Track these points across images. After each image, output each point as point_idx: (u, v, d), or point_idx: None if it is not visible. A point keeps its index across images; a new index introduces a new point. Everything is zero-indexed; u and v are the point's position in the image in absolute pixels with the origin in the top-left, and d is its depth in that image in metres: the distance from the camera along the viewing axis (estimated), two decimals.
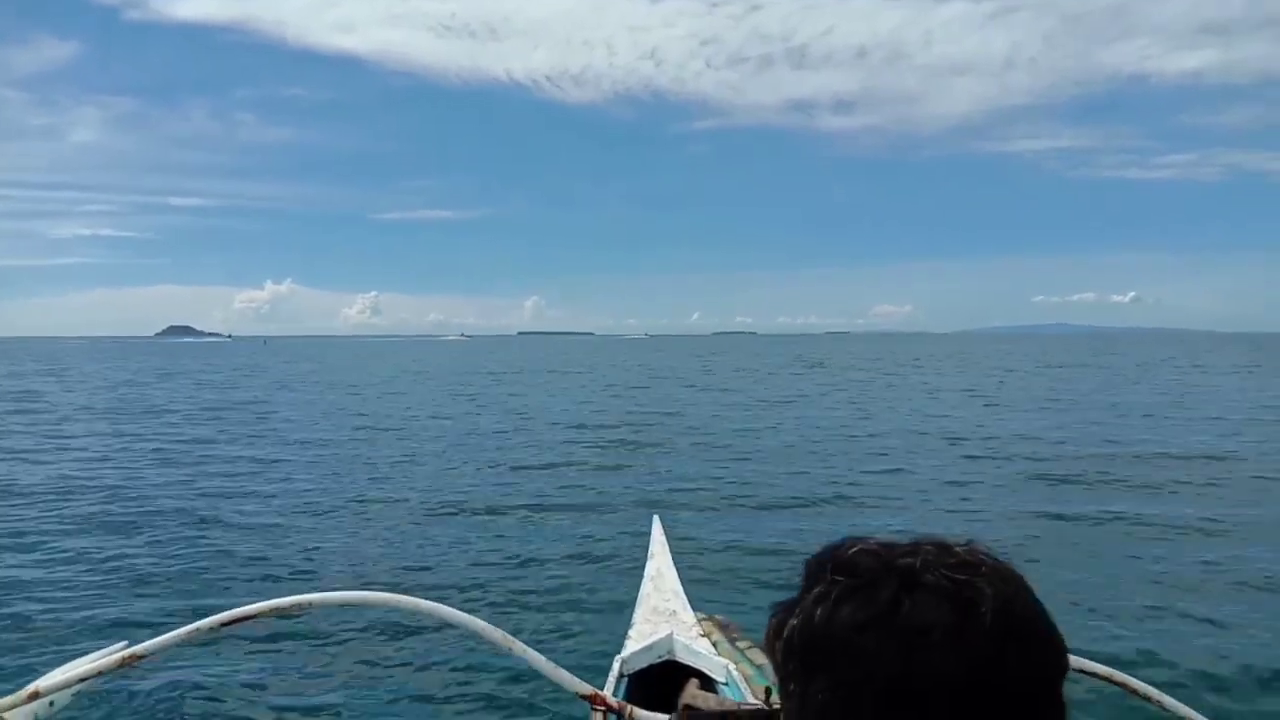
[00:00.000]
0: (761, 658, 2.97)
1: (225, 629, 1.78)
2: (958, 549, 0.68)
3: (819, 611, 0.67)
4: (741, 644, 3.19)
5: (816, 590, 0.69)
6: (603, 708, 1.99)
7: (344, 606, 2.00)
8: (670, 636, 2.98)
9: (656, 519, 4.19)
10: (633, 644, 2.99)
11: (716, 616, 3.47)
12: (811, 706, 0.66)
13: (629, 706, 2.01)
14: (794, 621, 0.69)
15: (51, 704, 1.62)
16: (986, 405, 23.65)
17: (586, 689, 1.99)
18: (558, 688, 1.97)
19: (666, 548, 3.87)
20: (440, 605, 1.93)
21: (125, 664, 1.69)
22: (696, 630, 3.11)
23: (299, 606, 1.83)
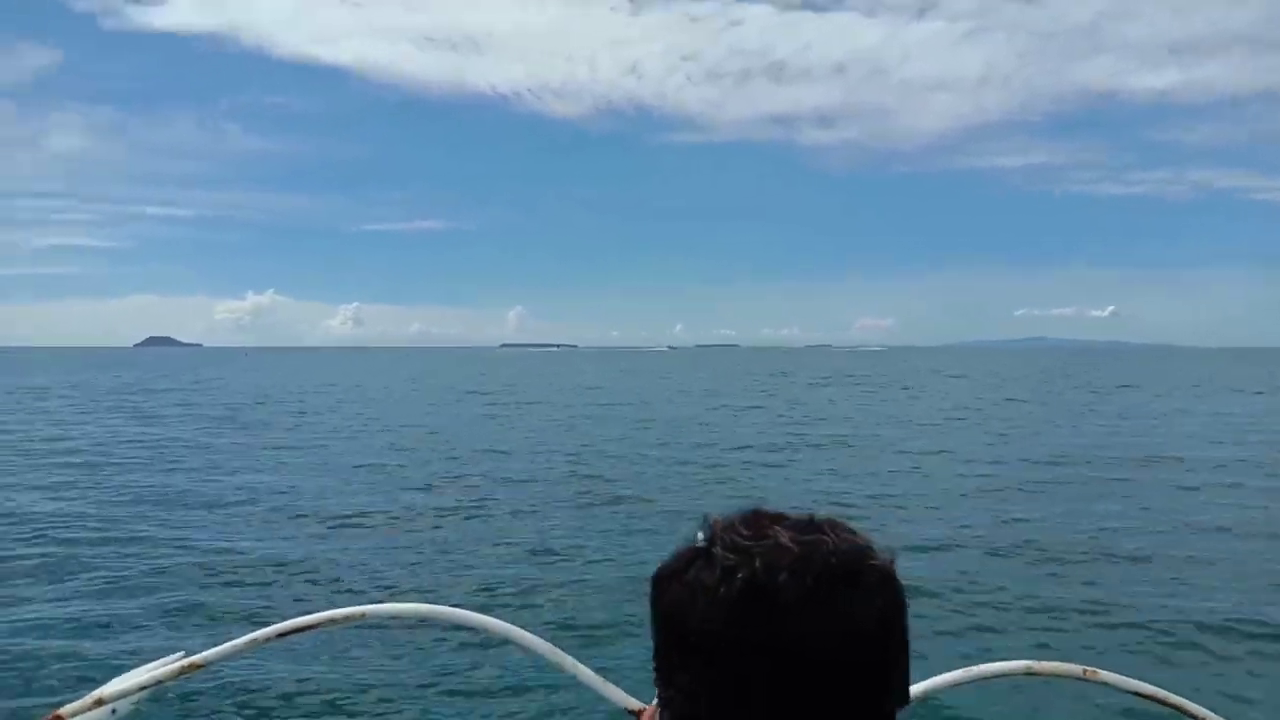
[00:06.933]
0: None
1: (282, 639, 1.80)
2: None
3: (721, 589, 0.66)
4: None
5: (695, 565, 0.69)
6: None
7: (396, 619, 2.00)
8: None
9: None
10: None
11: None
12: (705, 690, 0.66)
13: None
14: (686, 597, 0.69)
15: (114, 711, 1.65)
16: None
17: (635, 704, 1.96)
18: (607, 702, 1.95)
19: None
20: (490, 619, 1.92)
21: (185, 673, 1.72)
22: None
23: (353, 618, 1.84)
